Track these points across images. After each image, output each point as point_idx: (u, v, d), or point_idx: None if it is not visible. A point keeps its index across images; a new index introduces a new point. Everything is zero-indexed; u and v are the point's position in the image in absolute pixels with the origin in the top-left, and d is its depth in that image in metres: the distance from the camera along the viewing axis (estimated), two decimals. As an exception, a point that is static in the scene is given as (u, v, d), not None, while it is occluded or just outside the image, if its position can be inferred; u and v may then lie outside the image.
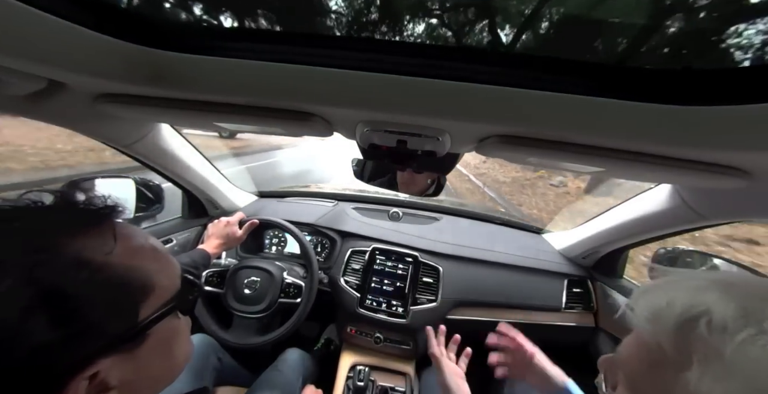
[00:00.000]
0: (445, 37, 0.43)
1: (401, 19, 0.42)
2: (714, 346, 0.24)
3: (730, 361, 0.23)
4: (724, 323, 0.24)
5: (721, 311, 0.24)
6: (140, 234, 0.35)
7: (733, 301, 0.24)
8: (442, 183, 0.91)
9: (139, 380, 0.32)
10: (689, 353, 0.25)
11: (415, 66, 0.36)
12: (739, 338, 0.23)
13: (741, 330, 0.23)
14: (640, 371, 0.29)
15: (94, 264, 0.28)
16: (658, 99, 0.33)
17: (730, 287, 0.26)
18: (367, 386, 0.91)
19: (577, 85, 0.35)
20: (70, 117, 0.61)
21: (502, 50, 0.41)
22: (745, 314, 0.24)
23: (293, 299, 1.03)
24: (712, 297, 0.25)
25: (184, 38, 0.39)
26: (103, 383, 0.28)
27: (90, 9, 0.36)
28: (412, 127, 0.49)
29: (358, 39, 0.38)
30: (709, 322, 0.24)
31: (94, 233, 0.30)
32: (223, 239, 0.97)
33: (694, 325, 0.25)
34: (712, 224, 0.72)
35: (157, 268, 0.34)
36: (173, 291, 0.35)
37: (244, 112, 0.49)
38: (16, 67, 0.39)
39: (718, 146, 0.37)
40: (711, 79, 0.33)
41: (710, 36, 0.32)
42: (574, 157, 0.46)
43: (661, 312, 0.27)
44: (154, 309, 0.32)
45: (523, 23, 0.40)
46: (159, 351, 0.34)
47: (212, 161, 1.13)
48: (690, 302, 0.26)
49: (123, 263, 0.30)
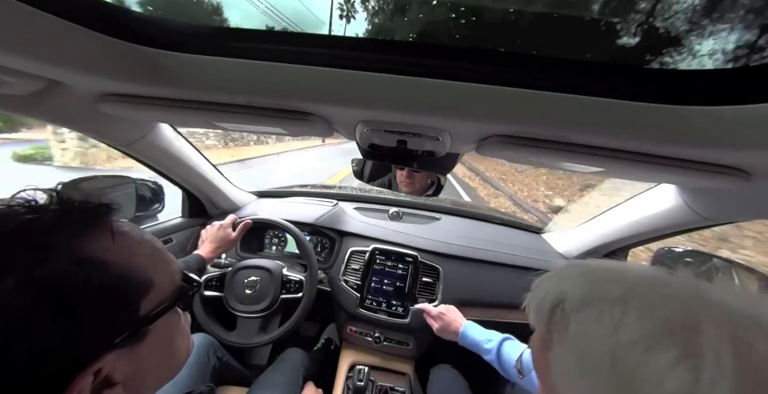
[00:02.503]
0: (445, 37, 0.43)
1: (401, 19, 0.42)
2: (564, 325, 0.27)
3: (572, 335, 0.27)
4: (573, 305, 0.27)
5: (573, 295, 0.28)
6: (137, 231, 0.35)
7: (583, 286, 0.28)
8: (442, 183, 0.91)
9: (142, 375, 0.32)
10: (552, 334, 0.29)
11: (415, 66, 0.36)
12: (582, 315, 0.26)
13: (584, 309, 0.26)
14: (536, 357, 0.33)
15: (94, 262, 0.28)
16: (658, 99, 0.33)
17: (585, 274, 0.29)
18: (366, 386, 0.91)
19: (577, 84, 0.35)
20: (70, 117, 0.61)
21: (502, 50, 0.41)
22: (590, 295, 0.27)
23: (295, 294, 1.03)
24: (569, 284, 0.29)
25: (184, 38, 0.39)
26: (108, 379, 0.29)
27: (90, 9, 0.36)
28: (412, 127, 0.49)
29: (358, 39, 0.38)
30: (564, 306, 0.28)
31: (92, 232, 0.30)
32: (217, 243, 0.96)
33: (557, 310, 0.29)
34: (712, 224, 0.72)
35: (155, 264, 0.34)
36: (172, 287, 0.36)
37: (244, 112, 0.49)
38: (16, 66, 0.39)
39: (718, 146, 0.37)
40: (711, 79, 0.33)
41: (710, 36, 0.32)
42: (574, 157, 0.46)
43: (540, 303, 0.31)
44: (154, 305, 0.33)
45: (523, 23, 0.40)
46: (160, 346, 0.34)
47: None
48: (556, 291, 0.29)
49: (122, 261, 0.30)
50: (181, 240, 1.16)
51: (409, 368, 1.10)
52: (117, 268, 0.30)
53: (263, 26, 8.77)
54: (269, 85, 0.41)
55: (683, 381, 0.20)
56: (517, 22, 2.06)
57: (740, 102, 0.31)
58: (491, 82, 0.36)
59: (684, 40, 10.16)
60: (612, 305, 0.25)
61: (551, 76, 0.35)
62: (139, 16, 0.39)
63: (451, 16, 3.72)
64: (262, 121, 0.51)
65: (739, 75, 0.32)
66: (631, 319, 0.24)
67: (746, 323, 0.22)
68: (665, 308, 0.24)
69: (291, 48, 0.38)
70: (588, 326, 0.26)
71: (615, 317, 0.24)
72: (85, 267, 0.27)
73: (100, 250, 0.29)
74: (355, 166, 0.97)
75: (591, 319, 0.26)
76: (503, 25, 2.45)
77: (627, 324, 0.24)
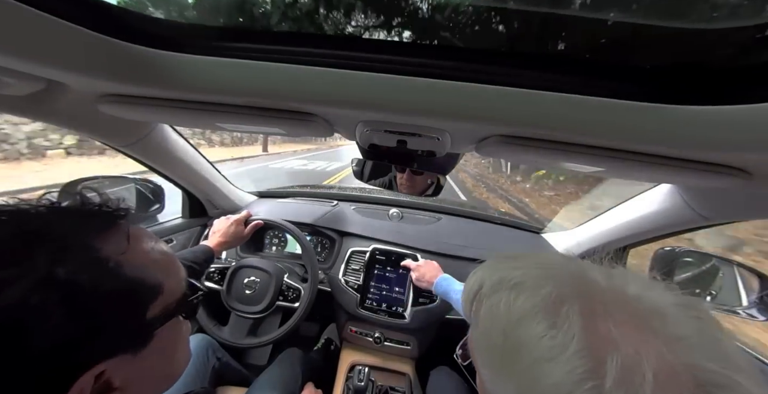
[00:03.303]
0: (445, 37, 0.43)
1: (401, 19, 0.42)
2: (478, 308, 0.31)
3: (482, 317, 0.30)
4: (486, 292, 0.30)
5: (488, 282, 0.31)
6: (150, 236, 0.36)
7: (497, 273, 0.31)
8: (441, 183, 0.91)
9: (140, 382, 0.32)
10: (471, 318, 0.32)
11: (415, 66, 0.36)
12: (491, 300, 0.29)
13: (493, 294, 0.30)
14: (468, 340, 0.36)
15: (111, 263, 0.29)
16: (658, 99, 0.33)
17: (503, 262, 0.32)
18: (367, 386, 0.91)
19: (577, 85, 0.35)
20: (69, 117, 0.61)
21: (502, 50, 0.41)
22: (499, 281, 0.30)
23: (291, 303, 1.02)
24: (488, 273, 0.32)
25: (184, 39, 0.39)
26: (107, 383, 0.29)
27: (90, 9, 0.36)
28: (412, 127, 0.49)
29: (358, 39, 0.38)
30: (481, 293, 0.31)
31: (109, 234, 0.31)
32: (227, 237, 0.97)
33: (477, 296, 0.32)
34: (712, 224, 0.72)
35: (166, 269, 0.35)
36: (179, 293, 0.36)
37: (245, 112, 0.49)
38: (16, 67, 0.39)
39: (718, 146, 0.37)
40: (711, 79, 0.33)
41: (709, 36, 0.32)
42: (574, 157, 0.46)
43: (468, 292, 0.33)
44: (161, 310, 0.33)
45: (522, 23, 0.40)
46: (162, 353, 0.34)
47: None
48: (479, 280, 0.32)
49: (136, 264, 0.31)
50: (182, 240, 1.16)
51: (409, 368, 1.10)
52: (131, 270, 0.30)
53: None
54: (269, 85, 0.41)
55: (547, 347, 0.23)
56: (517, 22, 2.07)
57: (740, 102, 0.31)
58: (491, 82, 0.36)
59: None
60: (511, 289, 0.28)
61: (551, 76, 0.35)
62: (139, 16, 0.39)
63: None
64: (262, 122, 0.51)
65: (739, 75, 0.32)
66: (522, 299, 0.27)
67: (605, 295, 0.25)
68: (547, 287, 0.27)
69: (291, 48, 0.38)
70: (491, 309, 0.29)
71: (510, 299, 0.28)
72: (103, 268, 0.28)
73: (116, 252, 0.30)
74: (355, 166, 0.97)
75: (495, 302, 0.29)
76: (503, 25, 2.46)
77: (517, 304, 0.27)
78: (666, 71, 0.35)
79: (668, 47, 0.37)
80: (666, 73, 0.35)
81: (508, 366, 0.26)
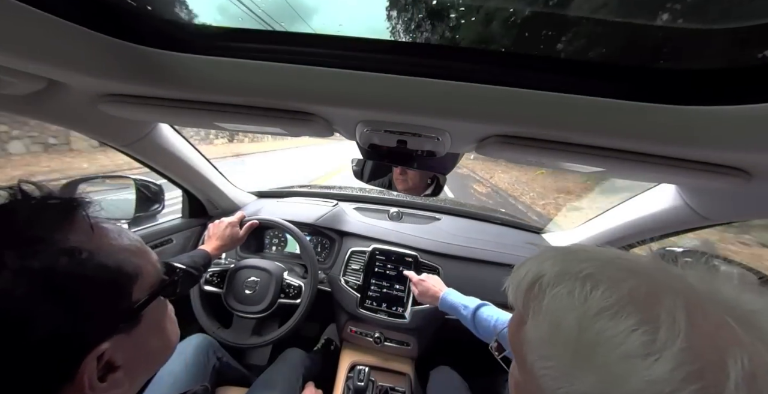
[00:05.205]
0: (444, 37, 0.43)
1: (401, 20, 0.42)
2: (540, 299, 0.29)
3: (545, 308, 0.28)
4: (549, 281, 0.29)
5: (549, 273, 0.30)
6: (113, 226, 0.36)
7: (559, 264, 0.30)
8: (441, 183, 0.91)
9: (139, 358, 0.35)
10: (528, 309, 0.30)
11: (415, 66, 0.36)
12: (556, 289, 0.28)
13: (558, 285, 0.28)
14: (512, 334, 0.35)
15: (83, 251, 0.29)
16: (658, 99, 0.33)
17: (563, 254, 0.32)
18: (367, 386, 0.91)
19: (578, 85, 0.35)
20: (69, 117, 0.61)
21: (502, 50, 0.41)
22: (564, 272, 0.29)
23: (293, 299, 1.02)
24: (548, 264, 0.31)
25: (184, 38, 0.39)
26: (110, 363, 0.31)
27: (90, 9, 0.36)
28: (412, 127, 0.49)
29: (357, 39, 0.38)
30: (541, 283, 0.30)
31: (69, 224, 0.31)
32: (223, 240, 0.97)
33: (534, 286, 0.30)
34: (712, 223, 0.72)
35: (139, 254, 0.36)
36: (158, 275, 0.38)
37: (244, 112, 0.49)
38: (16, 66, 0.39)
39: (718, 146, 0.37)
40: (711, 79, 0.33)
41: (709, 36, 0.32)
42: (574, 157, 0.46)
43: (519, 282, 0.33)
44: (144, 292, 0.35)
45: (522, 23, 0.40)
46: (153, 330, 0.37)
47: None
48: (535, 270, 0.31)
49: (107, 250, 0.32)
50: (181, 240, 1.16)
51: (409, 368, 1.10)
52: (105, 257, 0.31)
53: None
54: (269, 85, 0.41)
55: (641, 342, 0.22)
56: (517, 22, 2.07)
57: (740, 102, 0.31)
58: (491, 82, 0.36)
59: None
60: (584, 280, 0.27)
61: (551, 76, 0.35)
62: (139, 16, 0.39)
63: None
64: (262, 122, 0.51)
65: (739, 75, 0.32)
66: (600, 291, 0.26)
67: (701, 294, 0.24)
68: (630, 281, 0.25)
69: (291, 48, 0.38)
70: (561, 299, 0.28)
71: (585, 290, 0.26)
72: (76, 256, 0.29)
73: (83, 241, 0.30)
74: (355, 166, 0.97)
75: (564, 292, 0.28)
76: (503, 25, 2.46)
77: (595, 296, 0.26)
78: (666, 71, 0.35)
79: (668, 47, 0.37)
80: (666, 73, 0.35)
81: (585, 360, 0.24)
